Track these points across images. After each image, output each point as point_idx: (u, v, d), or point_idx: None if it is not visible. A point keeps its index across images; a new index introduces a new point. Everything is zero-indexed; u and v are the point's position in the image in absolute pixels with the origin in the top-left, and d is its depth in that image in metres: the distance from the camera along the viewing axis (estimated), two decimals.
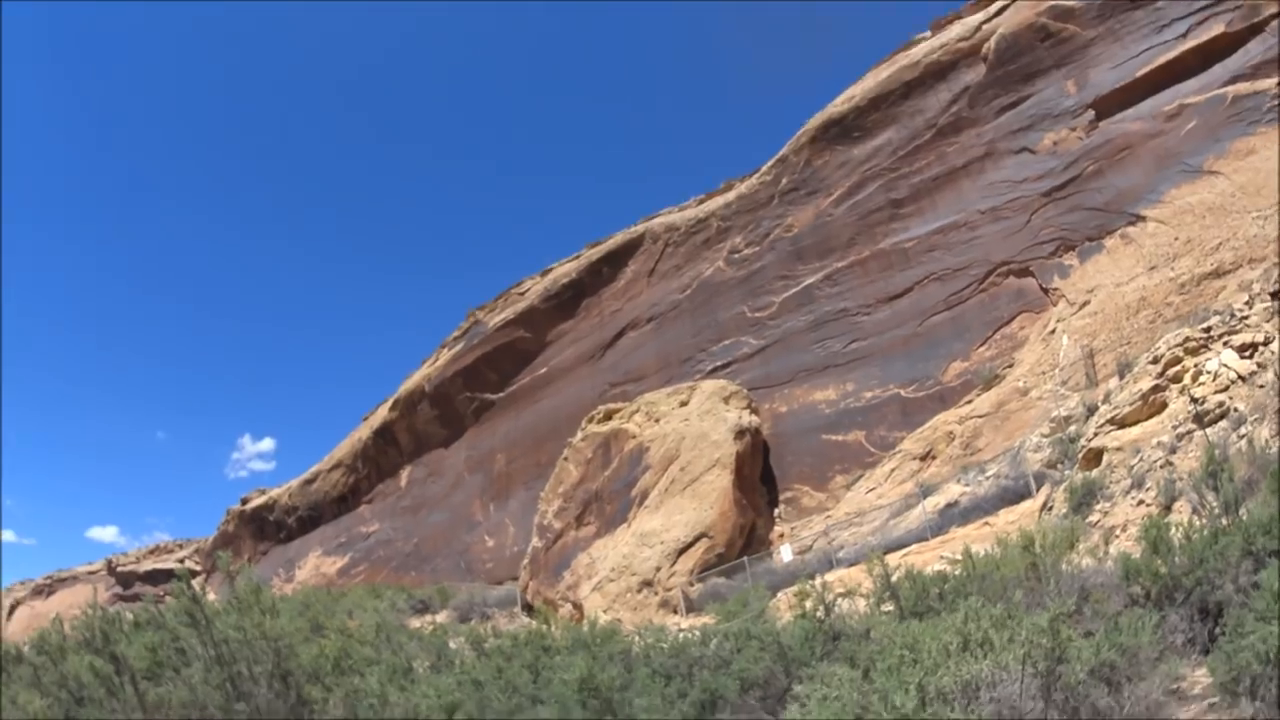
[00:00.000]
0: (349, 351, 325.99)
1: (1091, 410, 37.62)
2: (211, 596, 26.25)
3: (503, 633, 23.94)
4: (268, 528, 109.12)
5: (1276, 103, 46.12)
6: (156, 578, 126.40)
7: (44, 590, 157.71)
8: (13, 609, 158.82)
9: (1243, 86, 47.79)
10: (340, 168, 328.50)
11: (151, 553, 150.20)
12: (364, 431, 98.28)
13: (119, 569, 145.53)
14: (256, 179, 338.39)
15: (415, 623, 47.16)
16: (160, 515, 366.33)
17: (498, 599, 64.22)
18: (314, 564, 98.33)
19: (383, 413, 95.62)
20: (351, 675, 15.93)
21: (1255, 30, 48.35)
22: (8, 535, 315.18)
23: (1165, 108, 49.46)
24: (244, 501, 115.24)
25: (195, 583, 17.39)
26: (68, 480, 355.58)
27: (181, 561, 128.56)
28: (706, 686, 14.69)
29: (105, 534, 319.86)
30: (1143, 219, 47.65)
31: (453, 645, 22.86)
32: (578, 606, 53.86)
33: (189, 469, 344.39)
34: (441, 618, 55.72)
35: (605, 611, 48.04)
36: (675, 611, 47.97)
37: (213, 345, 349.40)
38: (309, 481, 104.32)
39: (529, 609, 58.02)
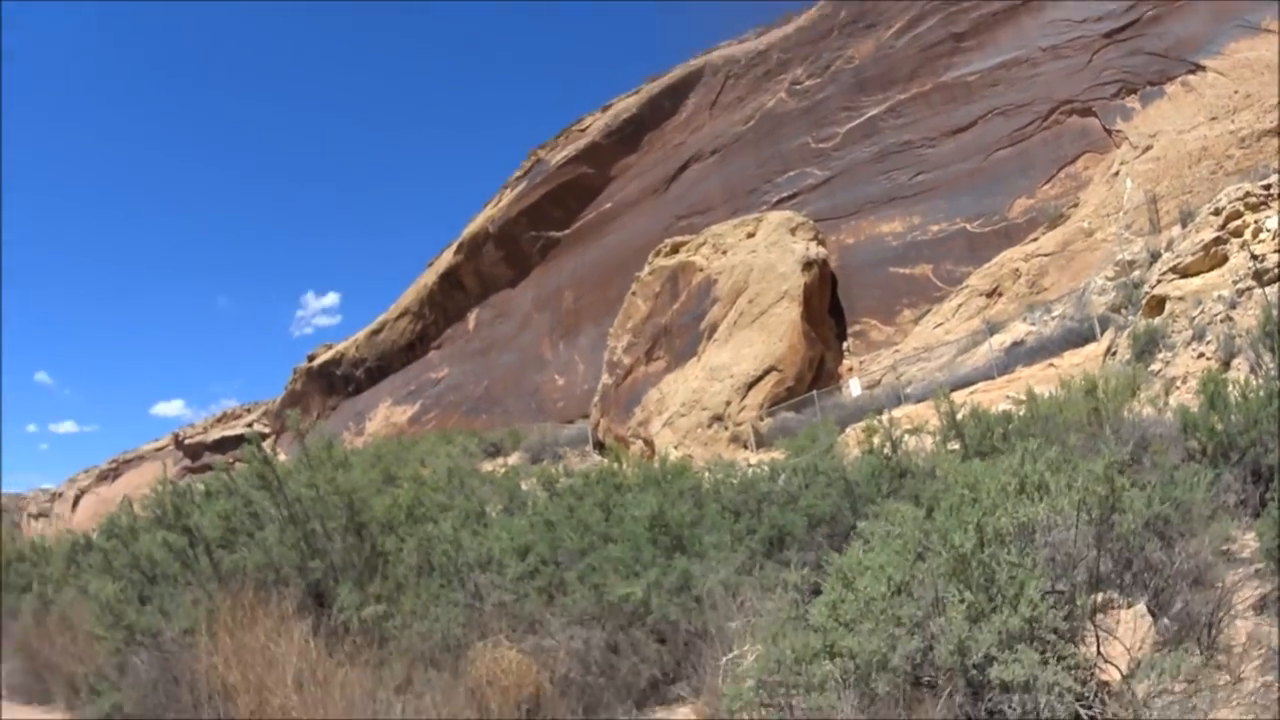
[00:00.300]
0: (410, 201, 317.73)
1: (1155, 256, 37.33)
2: (282, 457, 26.63)
3: (574, 472, 23.32)
4: (336, 382, 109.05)
5: None
6: (225, 445, 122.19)
7: (109, 475, 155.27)
8: (77, 499, 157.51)
9: None
10: (396, 16, 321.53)
11: (219, 421, 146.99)
12: (429, 277, 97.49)
13: (186, 441, 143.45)
14: (312, 32, 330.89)
15: (487, 466, 46.78)
16: (226, 382, 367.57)
17: (569, 438, 64.58)
18: (384, 414, 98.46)
19: (447, 257, 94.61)
20: (425, 523, 16.02)
21: None
22: (67, 426, 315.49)
23: None
24: (310, 358, 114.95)
25: (265, 445, 17.83)
26: (127, 359, 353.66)
27: (250, 426, 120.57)
28: (774, 523, 14.74)
29: (170, 409, 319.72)
30: (1203, 69, 46.91)
31: (524, 487, 22.54)
32: (649, 443, 54.01)
33: (253, 333, 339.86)
34: (513, 459, 55.62)
35: (676, 447, 48.13)
36: (745, 446, 47.84)
37: (268, 204, 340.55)
38: (376, 332, 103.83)
39: (600, 447, 57.85)
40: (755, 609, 11.19)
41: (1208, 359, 27.42)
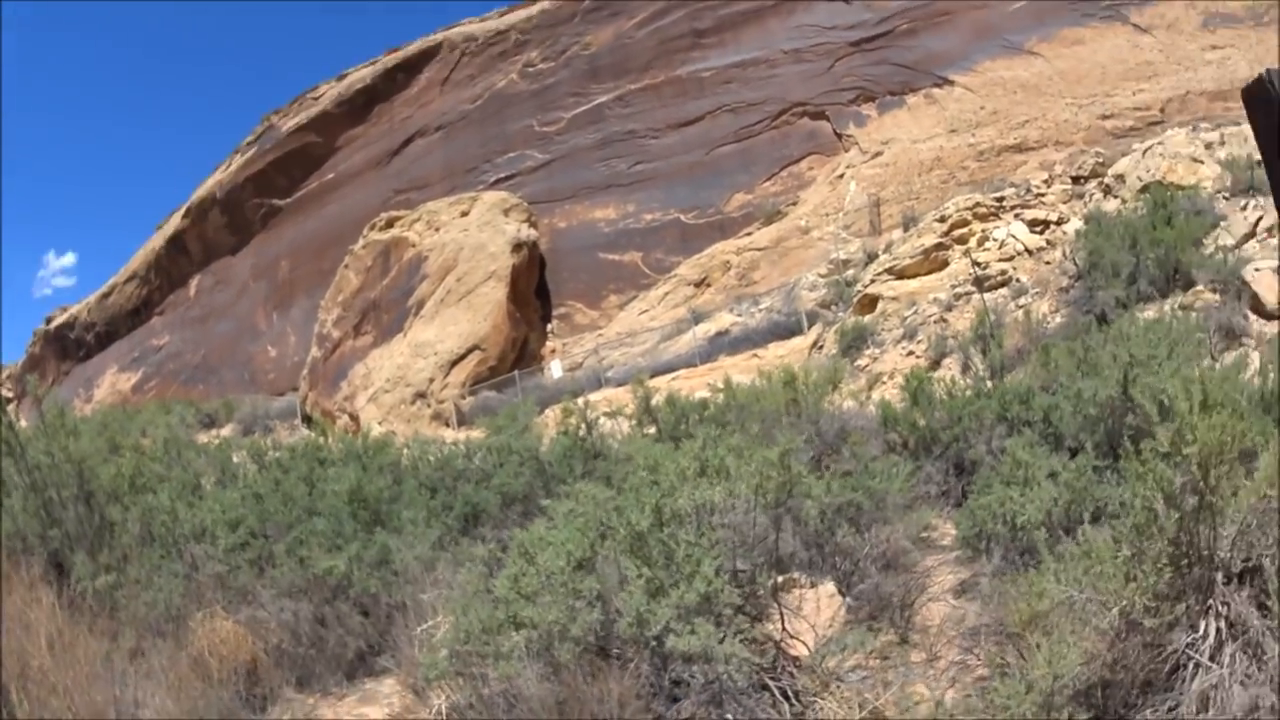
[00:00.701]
0: (152, 158, 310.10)
1: (872, 257, 38.35)
2: (23, 423, 25.83)
3: (282, 445, 23.25)
4: (69, 346, 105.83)
5: (1114, 2, 47.24)
6: None
7: None
8: None
9: None
10: None
11: None
12: (157, 241, 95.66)
13: None
14: None
15: (203, 437, 45.94)
16: None
17: (280, 410, 64.74)
18: (110, 381, 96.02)
19: (175, 220, 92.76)
20: (146, 493, 15.56)
21: None
22: None
23: None
24: (48, 321, 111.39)
25: (10, 409, 17.03)
26: None
27: None
28: (469, 500, 14.82)
29: None
30: (951, 83, 48.58)
31: (236, 459, 22.17)
32: (354, 418, 53.84)
33: None
34: (227, 431, 56.54)
35: (380, 423, 48.03)
36: (447, 424, 48.34)
37: (6, 159, 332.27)
38: (105, 295, 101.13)
39: (308, 420, 57.39)
40: (449, 583, 11.53)
41: (917, 357, 28.34)
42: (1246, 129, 37.51)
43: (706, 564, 7.92)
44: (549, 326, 59.23)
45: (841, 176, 49.54)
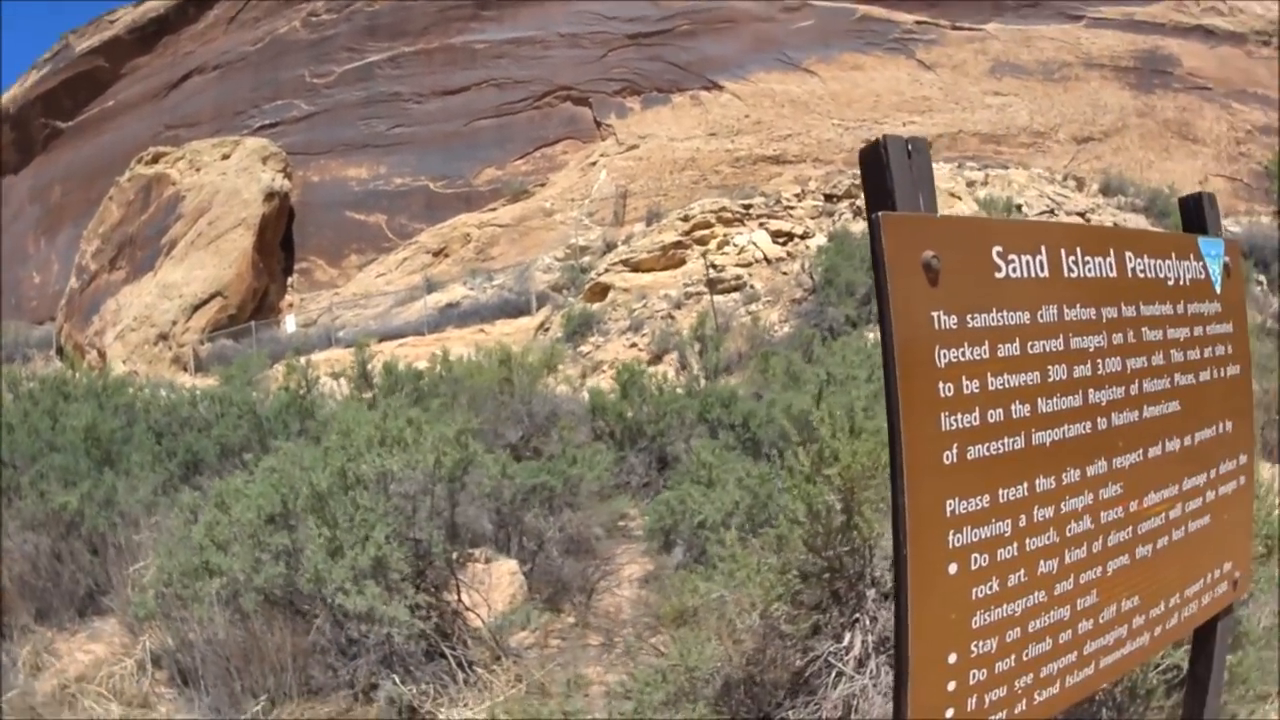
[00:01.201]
0: None
1: (611, 247, 38.62)
2: None
3: (36, 376, 23.39)
4: None
5: (902, 36, 48.73)
6: None
7: None
8: None
9: (879, 10, 50.00)
10: None
11: None
12: None
13: None
14: None
15: None
16: None
17: (40, 339, 63.72)
18: None
19: None
20: None
21: None
22: None
23: (789, 1, 50.73)
24: None
25: None
26: None
27: None
28: (190, 448, 14.59)
29: None
30: (720, 88, 49.15)
31: None
32: (102, 354, 52.75)
33: None
34: None
35: (125, 362, 47.60)
36: (186, 369, 47.89)
37: None
38: None
39: (60, 352, 56.25)
40: (164, 527, 11.45)
41: (639, 350, 28.41)
42: (1012, 172, 38.83)
43: (379, 529, 8.07)
44: (289, 280, 58.72)
45: (594, 164, 50.08)
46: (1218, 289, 4.66)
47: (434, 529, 8.91)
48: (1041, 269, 3.51)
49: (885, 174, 3.14)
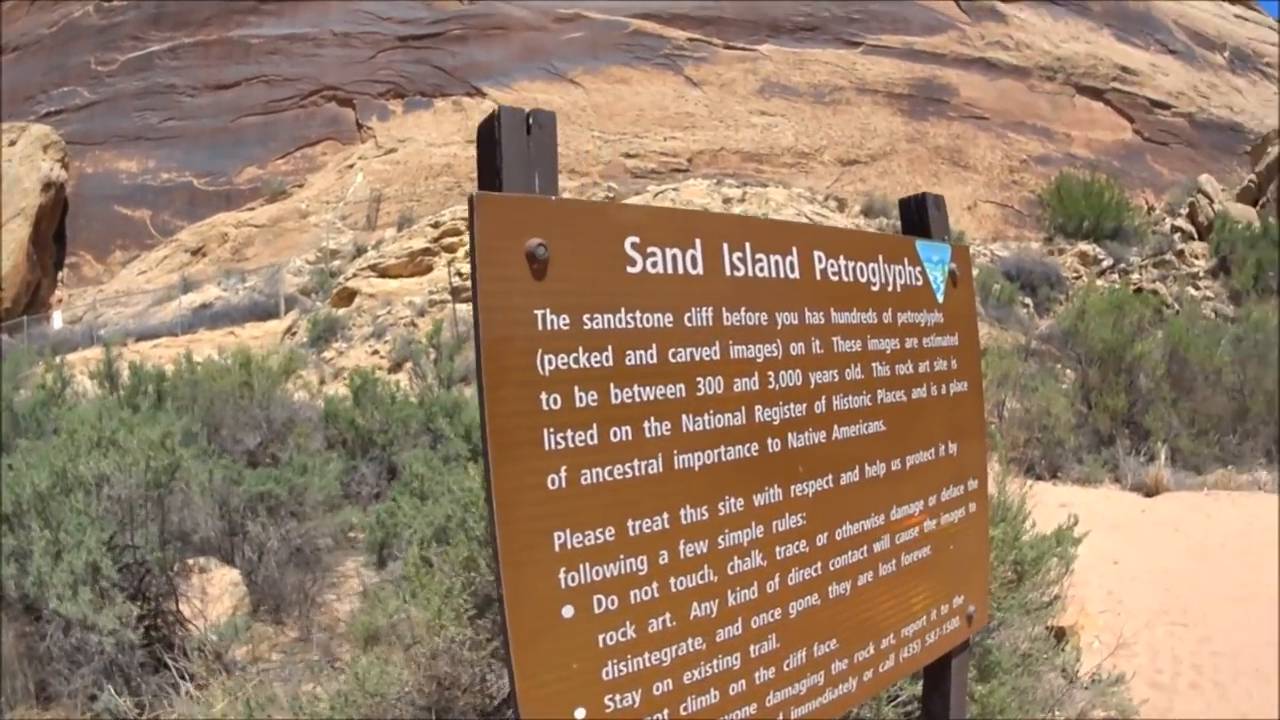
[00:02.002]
0: None
1: (361, 251, 38.55)
2: None
3: None
4: None
5: (673, 52, 49.20)
6: None
7: None
8: None
9: (652, 26, 50.56)
10: None
11: None
12: None
13: None
14: None
15: None
16: None
17: None
18: None
19: None
20: None
21: None
22: None
23: (562, 11, 51.38)
24: None
25: None
26: None
27: None
28: None
29: None
30: (483, 95, 49.14)
31: None
32: None
33: None
34: None
35: None
36: None
37: None
38: None
39: None
40: None
41: (381, 357, 28.55)
42: (770, 190, 39.35)
43: (91, 534, 8.02)
44: (60, 274, 57.33)
45: (352, 167, 50.06)
46: (940, 298, 4.42)
47: (149, 535, 8.88)
48: (694, 265, 3.20)
49: (496, 150, 2.85)
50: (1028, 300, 35.80)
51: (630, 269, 3.03)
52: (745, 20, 51.58)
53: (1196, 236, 41.12)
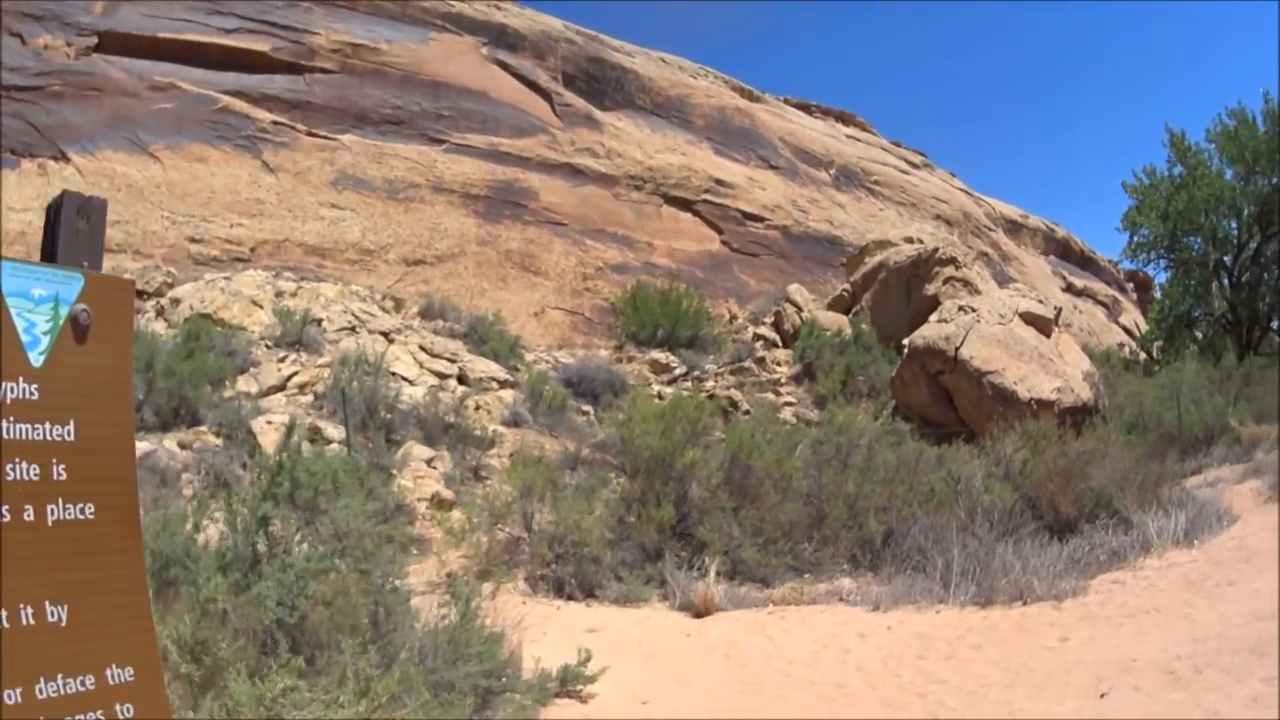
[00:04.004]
0: None
1: None
2: None
3: None
4: None
5: (255, 134, 50.25)
6: None
7: None
8: None
9: (240, 104, 51.23)
10: None
11: None
12: None
13: None
14: None
15: None
16: None
17: None
18: None
19: None
20: None
21: (294, 69, 53.11)
22: None
23: (159, 78, 51.23)
24: None
25: None
26: None
27: None
28: None
29: None
30: (68, 160, 48.66)
31: None
32: None
33: None
34: None
35: None
36: None
37: None
38: None
39: None
40: None
41: None
42: (323, 286, 40.17)
43: None
44: None
45: None
46: (38, 359, 3.59)
47: None
48: None
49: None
50: (587, 408, 35.31)
51: None
52: (333, 107, 52.94)
53: (781, 344, 43.34)
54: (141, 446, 24.33)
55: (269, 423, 25.92)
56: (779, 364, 41.48)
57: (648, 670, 12.73)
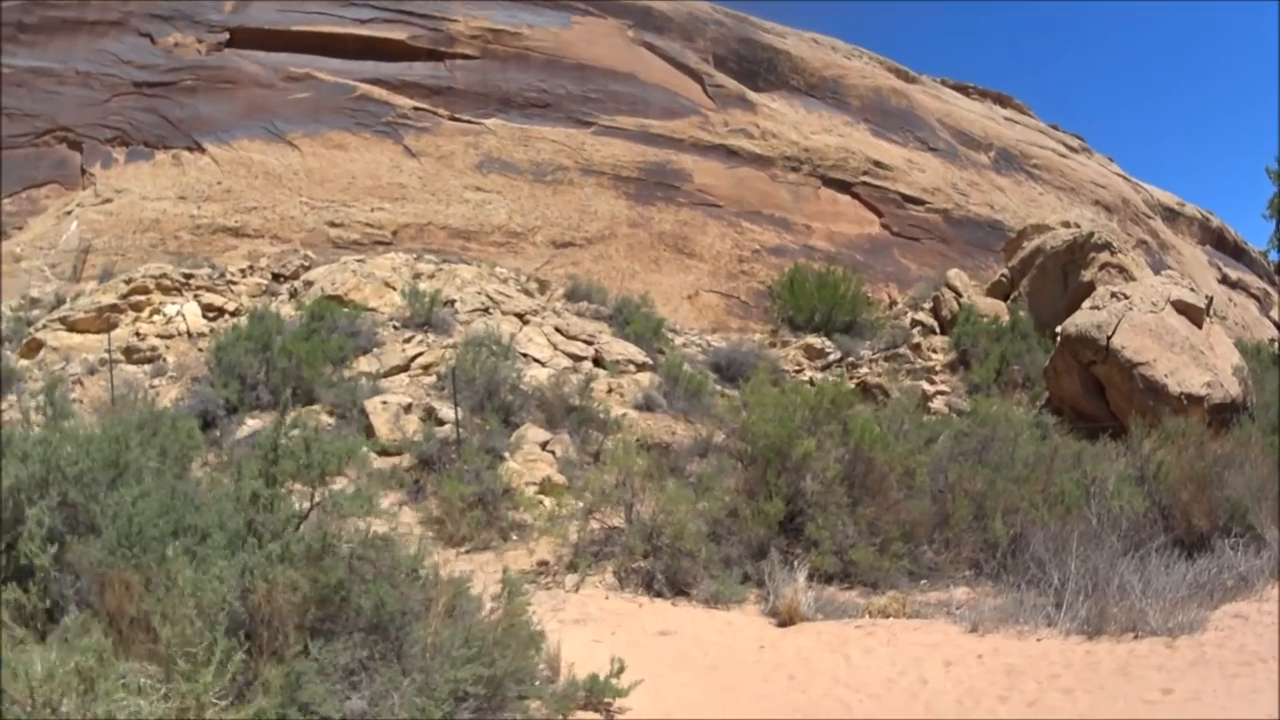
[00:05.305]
0: None
1: (61, 302, 37.87)
2: None
3: None
4: None
5: (395, 120, 49.93)
6: None
7: None
8: None
9: (380, 92, 51.20)
10: None
11: None
12: None
13: None
14: None
15: None
16: None
17: None
18: None
19: None
20: None
21: (434, 56, 52.79)
22: None
23: (295, 69, 51.58)
24: None
25: None
26: None
27: None
28: None
29: None
30: (203, 150, 49.05)
31: None
32: None
33: None
34: None
35: None
36: None
37: None
38: None
39: None
40: None
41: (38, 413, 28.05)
42: (463, 268, 38.18)
43: None
44: None
45: (69, 213, 48.86)
46: None
47: None
48: None
49: None
50: (733, 393, 31.63)
51: None
52: (476, 92, 52.54)
53: (938, 330, 41.64)
54: (251, 424, 24.17)
55: (384, 403, 25.32)
56: (934, 351, 39.70)
57: (699, 686, 11.72)
